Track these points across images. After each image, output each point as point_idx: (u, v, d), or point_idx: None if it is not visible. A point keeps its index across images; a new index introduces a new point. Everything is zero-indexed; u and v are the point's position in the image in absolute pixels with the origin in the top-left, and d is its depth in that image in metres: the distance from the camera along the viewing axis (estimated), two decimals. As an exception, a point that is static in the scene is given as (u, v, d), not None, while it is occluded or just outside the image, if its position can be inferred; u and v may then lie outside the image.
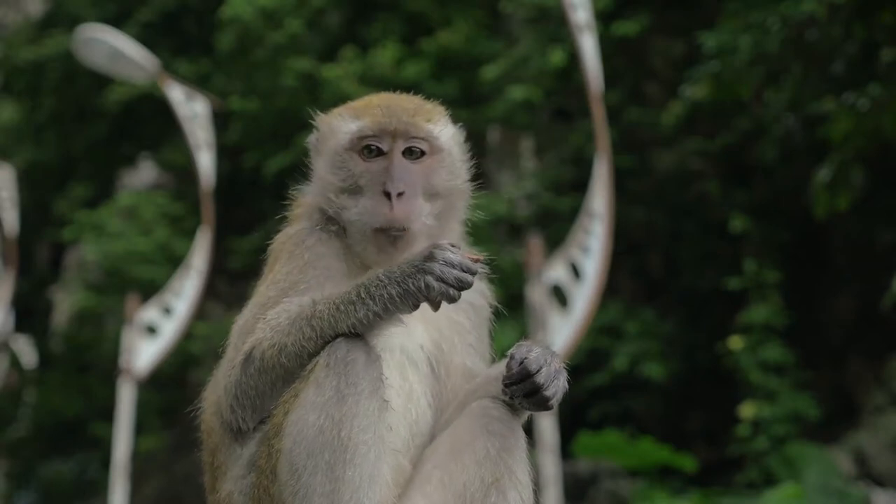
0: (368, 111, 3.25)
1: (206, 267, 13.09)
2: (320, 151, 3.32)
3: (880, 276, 12.04)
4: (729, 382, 13.88)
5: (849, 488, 11.99)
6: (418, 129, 3.23)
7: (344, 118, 3.29)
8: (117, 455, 11.61)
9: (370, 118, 3.23)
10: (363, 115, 3.25)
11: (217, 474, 3.11)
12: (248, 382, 2.98)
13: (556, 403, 3.05)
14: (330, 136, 3.30)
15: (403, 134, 3.21)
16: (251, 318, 3.08)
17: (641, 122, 15.23)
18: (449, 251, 2.91)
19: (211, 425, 3.15)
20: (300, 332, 2.95)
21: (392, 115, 3.22)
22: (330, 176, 3.24)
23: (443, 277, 2.88)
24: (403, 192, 3.13)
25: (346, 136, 3.24)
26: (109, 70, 14.40)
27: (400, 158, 3.19)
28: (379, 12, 18.77)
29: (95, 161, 22.58)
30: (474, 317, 3.33)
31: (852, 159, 10.28)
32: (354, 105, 3.33)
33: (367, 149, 3.21)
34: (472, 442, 3.08)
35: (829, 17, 10.85)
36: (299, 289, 3.08)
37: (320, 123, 3.36)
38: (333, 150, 3.26)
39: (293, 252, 3.18)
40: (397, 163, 3.17)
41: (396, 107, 3.26)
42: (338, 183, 3.21)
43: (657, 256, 16.14)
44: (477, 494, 3.03)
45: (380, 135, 3.21)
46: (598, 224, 9.45)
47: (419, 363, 3.18)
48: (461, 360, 3.27)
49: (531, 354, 3.01)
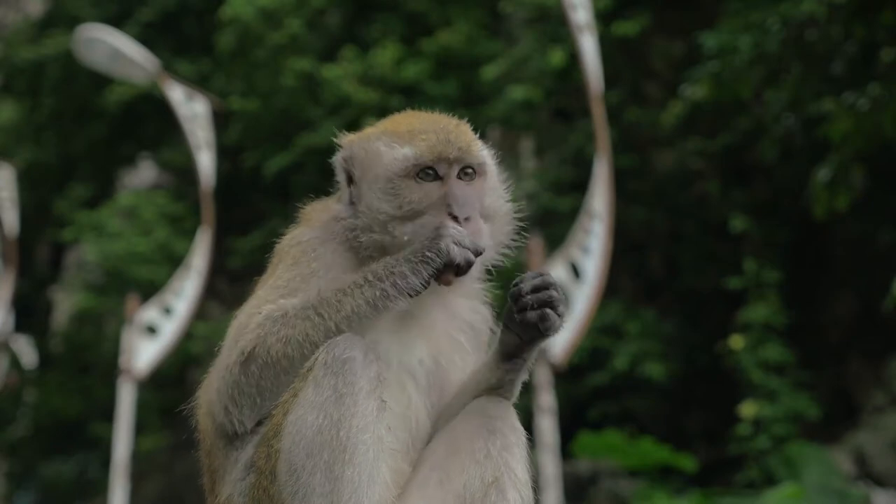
0: (419, 137, 3.16)
1: (206, 267, 13.08)
2: (362, 179, 3.19)
3: (880, 276, 12.03)
4: (729, 382, 13.89)
5: (849, 488, 12.00)
6: (473, 156, 3.18)
7: (391, 145, 3.17)
8: (117, 455, 11.61)
9: (425, 145, 3.14)
10: (414, 141, 3.15)
11: (215, 477, 3.10)
12: (249, 381, 2.94)
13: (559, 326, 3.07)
14: (374, 163, 3.17)
15: (459, 161, 3.15)
16: (247, 320, 3.04)
17: (641, 122, 15.23)
18: (455, 229, 2.93)
19: (206, 428, 3.13)
20: (307, 320, 2.92)
21: (447, 142, 3.15)
22: (382, 205, 3.12)
23: (460, 241, 2.91)
24: (469, 217, 3.08)
25: (399, 164, 3.13)
26: (109, 70, 14.40)
27: (458, 182, 3.14)
28: (379, 12, 18.77)
29: (95, 161, 22.59)
30: (473, 339, 3.29)
31: (852, 159, 10.27)
32: (396, 129, 3.21)
33: (422, 173, 3.13)
34: (471, 441, 3.07)
35: (829, 17, 10.85)
36: (298, 297, 3.03)
37: (355, 146, 3.24)
38: (384, 177, 3.14)
39: (299, 259, 3.13)
40: (458, 186, 3.13)
41: (447, 133, 3.18)
42: (391, 211, 3.11)
43: (657, 256, 16.14)
44: (477, 494, 3.02)
45: (437, 162, 3.13)
46: (598, 224, 9.45)
47: (417, 377, 3.15)
48: (458, 378, 3.24)
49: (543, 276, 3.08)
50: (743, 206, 14.54)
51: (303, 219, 3.31)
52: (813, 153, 12.02)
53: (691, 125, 14.50)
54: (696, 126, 14.71)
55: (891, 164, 12.49)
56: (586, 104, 10.31)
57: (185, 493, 17.85)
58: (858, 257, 14.43)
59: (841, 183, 10.26)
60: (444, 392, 3.20)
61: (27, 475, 22.39)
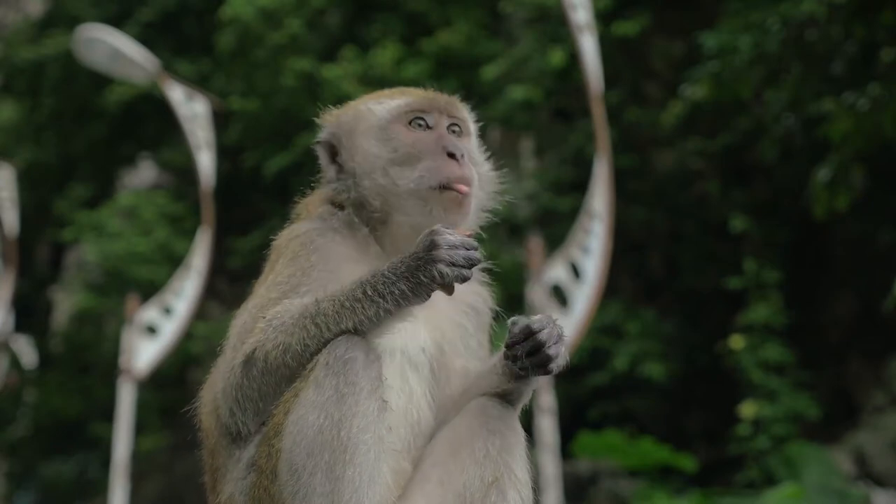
0: (409, 92, 3.31)
1: (206, 267, 13.09)
2: (350, 139, 3.27)
3: (880, 276, 12.03)
4: (729, 382, 13.89)
5: (849, 488, 12.00)
6: (459, 109, 3.31)
7: (380, 101, 3.30)
8: (117, 455, 11.61)
9: (416, 95, 3.29)
10: (406, 93, 3.30)
11: (217, 476, 3.10)
12: (251, 385, 2.95)
13: (557, 366, 3.06)
14: (363, 120, 3.27)
15: (447, 110, 3.26)
16: (251, 320, 3.04)
17: (641, 122, 15.23)
18: (447, 234, 2.89)
19: (209, 427, 3.13)
20: (304, 330, 2.91)
21: (437, 94, 3.30)
22: (377, 150, 3.21)
23: (453, 261, 2.87)
24: (464, 155, 3.18)
25: (392, 111, 3.24)
26: (109, 70, 14.39)
27: (448, 132, 3.24)
28: (379, 12, 18.77)
29: (95, 161, 22.58)
30: (476, 320, 3.32)
31: (852, 159, 10.27)
32: (380, 94, 3.36)
33: (415, 122, 3.22)
34: (471, 441, 3.07)
35: (829, 17, 10.85)
36: (300, 291, 3.04)
37: (340, 116, 3.33)
38: (377, 126, 3.24)
39: (298, 253, 3.13)
40: (449, 134, 3.23)
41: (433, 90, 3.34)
42: (387, 155, 3.20)
43: (657, 256, 16.14)
44: (477, 494, 3.03)
45: (429, 109, 3.24)
46: (598, 224, 9.45)
47: (420, 366, 3.16)
48: (462, 362, 3.26)
49: (533, 317, 3.06)
50: (743, 206, 14.54)
51: (298, 213, 3.33)
52: (813, 153, 12.02)
53: (691, 125, 14.50)
54: (696, 126, 14.71)
55: (891, 164, 12.49)
56: (586, 104, 10.30)
57: (185, 493, 17.85)
58: (858, 257, 14.43)
59: (841, 183, 10.26)
60: (447, 379, 3.21)
61: (27, 475, 22.39)
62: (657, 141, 15.63)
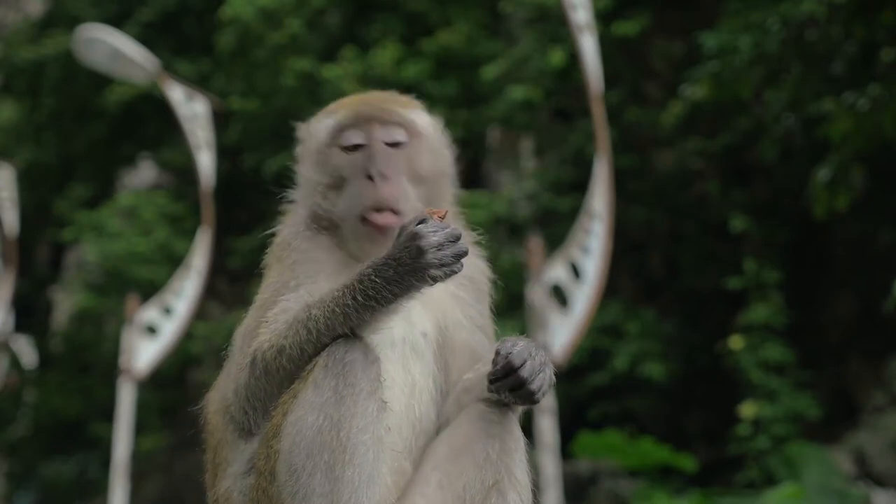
0: (342, 106, 3.33)
1: (206, 267, 13.09)
2: (303, 156, 3.36)
3: (880, 276, 12.03)
4: (729, 382, 13.89)
5: (849, 488, 12.00)
6: (392, 114, 3.26)
7: (320, 118, 3.36)
8: (117, 455, 11.61)
9: (344, 111, 3.30)
10: (340, 110, 3.32)
11: (217, 471, 3.13)
12: (257, 385, 3.00)
13: (542, 397, 3.05)
14: (310, 138, 3.34)
15: (379, 119, 3.24)
16: (253, 322, 3.10)
17: (641, 122, 15.23)
18: (430, 234, 2.86)
19: (215, 424, 3.16)
20: (297, 334, 2.95)
21: (365, 103, 3.29)
22: (315, 175, 3.27)
23: (442, 262, 2.86)
24: (387, 175, 3.14)
25: (324, 132, 3.28)
26: (109, 70, 14.39)
27: (381, 145, 3.21)
28: (379, 12, 18.77)
29: (95, 161, 22.57)
30: (473, 291, 3.33)
31: (852, 159, 10.26)
32: (330, 106, 3.40)
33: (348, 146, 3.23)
34: (470, 445, 3.08)
35: (829, 17, 10.84)
36: (290, 286, 3.11)
37: (302, 129, 3.41)
38: (315, 149, 3.29)
39: (281, 256, 3.22)
40: (378, 148, 3.20)
41: (370, 98, 3.35)
42: (323, 180, 3.25)
43: (657, 256, 16.14)
44: (477, 497, 3.04)
45: (356, 123, 3.24)
46: (598, 224, 9.45)
47: (422, 353, 3.17)
48: (466, 336, 3.26)
49: (515, 349, 2.99)
50: (743, 206, 14.54)
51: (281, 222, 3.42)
52: (813, 153, 12.01)
53: (691, 125, 14.49)
54: (696, 126, 14.70)
55: (891, 164, 12.49)
56: (586, 104, 10.30)
57: (185, 493, 17.85)
58: (858, 257, 14.42)
59: (841, 183, 10.25)
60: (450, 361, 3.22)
61: (27, 475, 22.38)
62: (657, 141, 15.62)
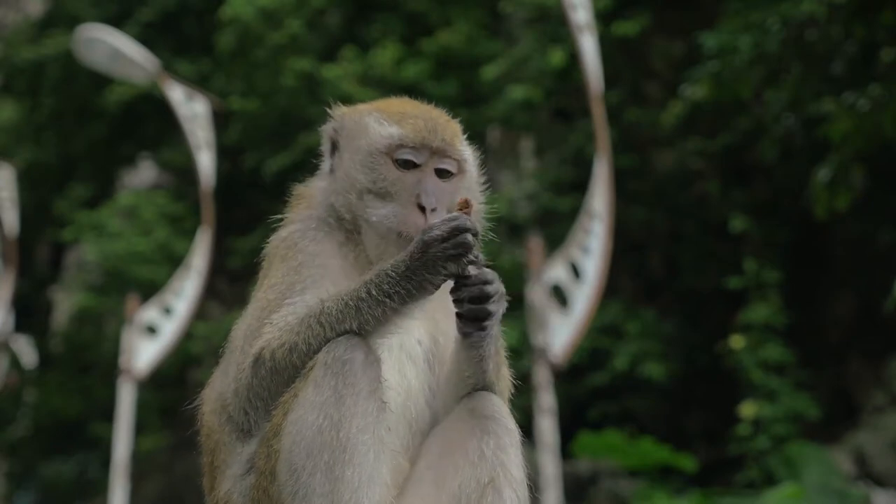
0: (407, 120, 3.23)
1: (206, 267, 13.09)
2: (346, 147, 3.29)
3: (880, 276, 12.04)
4: (729, 382, 13.89)
5: (849, 488, 12.00)
6: (454, 151, 3.25)
7: (379, 120, 3.26)
8: (117, 455, 11.62)
9: (411, 129, 3.22)
10: (402, 123, 3.23)
11: (216, 474, 3.11)
12: (261, 384, 2.98)
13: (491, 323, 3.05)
14: (361, 135, 3.26)
15: (440, 152, 3.22)
16: (255, 323, 3.08)
17: (641, 122, 15.23)
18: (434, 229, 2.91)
19: (211, 426, 3.15)
20: (309, 329, 2.95)
21: (433, 131, 3.23)
22: (359, 175, 3.21)
23: (448, 255, 2.90)
24: (436, 208, 3.14)
25: (383, 140, 3.21)
26: (109, 70, 14.40)
27: (433, 175, 3.20)
28: (379, 12, 18.77)
29: (95, 161, 22.58)
30: None
31: (852, 159, 10.26)
32: (387, 109, 3.30)
33: (402, 159, 3.19)
34: (465, 442, 3.08)
35: (829, 17, 10.84)
36: (296, 289, 3.08)
37: (346, 118, 3.33)
38: (366, 150, 3.23)
39: (286, 255, 3.19)
40: (432, 179, 3.19)
41: (435, 123, 3.26)
42: (366, 184, 3.20)
43: (657, 256, 16.15)
44: (473, 495, 3.03)
45: (419, 148, 3.20)
46: (598, 224, 9.45)
47: (417, 359, 3.18)
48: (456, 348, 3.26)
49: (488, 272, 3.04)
50: (743, 206, 14.55)
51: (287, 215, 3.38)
52: (813, 153, 12.02)
53: (691, 125, 14.50)
54: (696, 126, 14.71)
55: (891, 164, 12.49)
56: (586, 104, 10.31)
57: (185, 493, 17.85)
58: (858, 257, 14.43)
59: (841, 183, 10.25)
60: (443, 367, 3.22)
61: (27, 475, 22.38)
62: (657, 141, 15.63)
